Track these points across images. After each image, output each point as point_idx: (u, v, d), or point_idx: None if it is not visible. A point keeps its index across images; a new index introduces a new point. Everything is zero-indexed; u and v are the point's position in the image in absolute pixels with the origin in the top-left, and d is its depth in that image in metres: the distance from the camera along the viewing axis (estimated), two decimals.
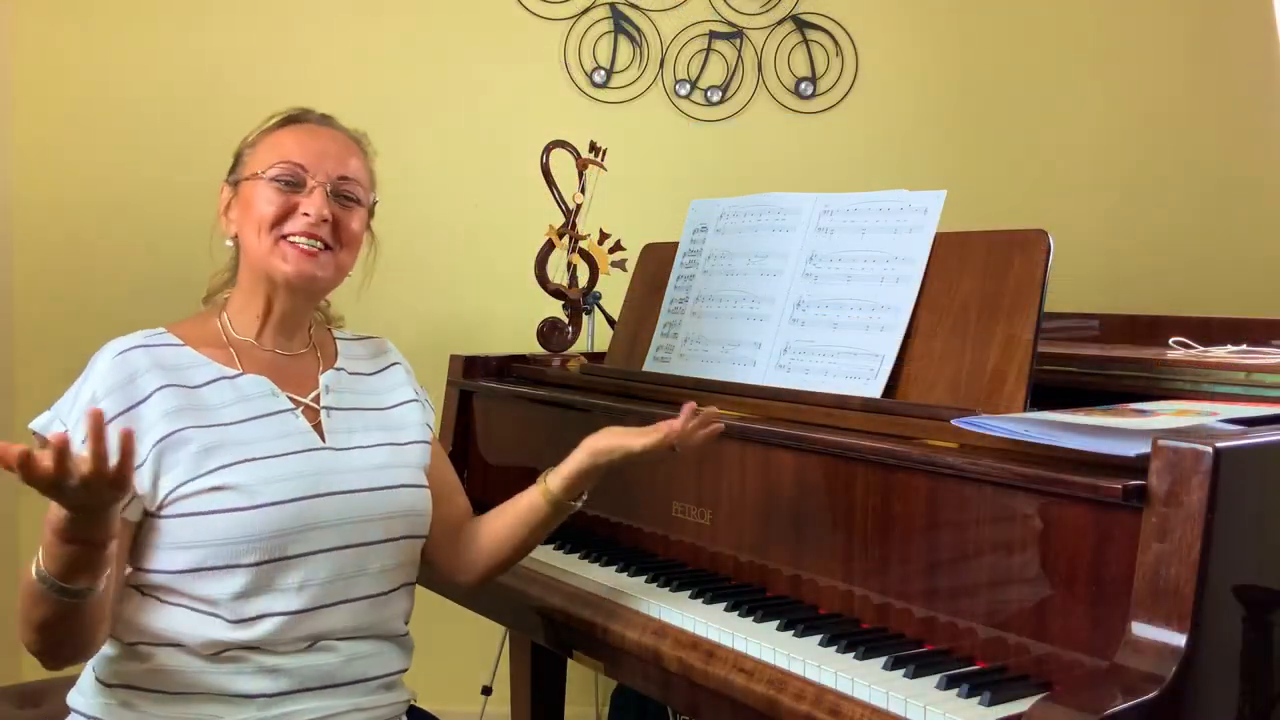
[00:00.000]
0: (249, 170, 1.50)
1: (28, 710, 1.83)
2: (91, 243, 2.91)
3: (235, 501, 1.37)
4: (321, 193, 1.47)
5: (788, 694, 1.31)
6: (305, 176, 1.48)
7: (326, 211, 1.47)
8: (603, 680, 2.90)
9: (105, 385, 1.39)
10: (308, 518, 1.41)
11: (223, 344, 1.50)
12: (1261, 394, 1.50)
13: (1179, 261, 3.18)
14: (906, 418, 1.47)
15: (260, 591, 1.38)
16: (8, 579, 2.84)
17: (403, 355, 1.69)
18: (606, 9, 3.05)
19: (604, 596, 1.64)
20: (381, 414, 1.58)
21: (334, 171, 1.50)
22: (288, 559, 1.39)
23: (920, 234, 1.64)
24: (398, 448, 1.55)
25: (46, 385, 2.84)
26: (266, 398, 1.47)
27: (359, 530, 1.46)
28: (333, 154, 1.51)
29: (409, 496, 1.53)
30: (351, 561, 1.45)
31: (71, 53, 2.89)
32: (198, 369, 1.46)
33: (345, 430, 1.52)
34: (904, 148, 3.15)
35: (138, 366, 1.42)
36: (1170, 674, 1.07)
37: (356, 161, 1.54)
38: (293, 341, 1.55)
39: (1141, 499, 1.13)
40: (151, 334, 1.48)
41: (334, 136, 1.54)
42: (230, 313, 1.54)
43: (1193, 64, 3.20)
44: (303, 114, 1.55)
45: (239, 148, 1.55)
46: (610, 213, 2.40)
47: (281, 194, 1.47)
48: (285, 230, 1.46)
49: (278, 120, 1.54)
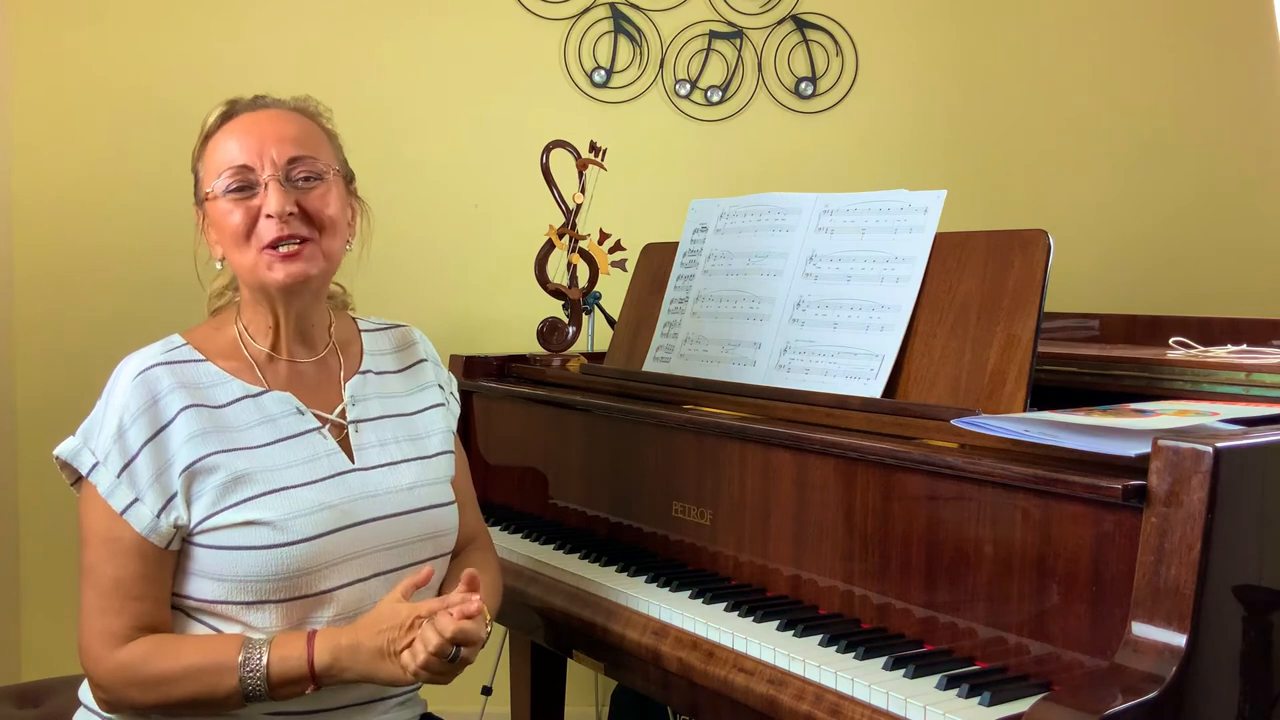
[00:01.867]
0: (205, 189, 1.43)
1: (28, 710, 1.83)
2: (91, 242, 2.91)
3: (264, 538, 1.34)
4: (275, 186, 1.38)
5: (788, 694, 1.32)
6: (253, 175, 1.39)
7: (289, 204, 1.38)
8: (603, 680, 2.90)
9: (131, 410, 1.35)
10: (337, 551, 1.38)
11: (242, 356, 1.45)
12: (1261, 394, 1.50)
13: (1179, 261, 3.18)
14: (906, 418, 1.47)
15: (293, 627, 1.36)
16: (8, 579, 2.84)
17: (427, 339, 1.64)
18: (606, 9, 3.05)
19: (604, 596, 1.64)
20: (408, 420, 1.54)
21: (280, 156, 1.40)
22: (319, 594, 1.37)
23: (920, 234, 1.64)
24: (425, 462, 1.51)
25: (47, 385, 2.86)
26: (292, 417, 1.43)
27: (389, 557, 1.43)
28: (274, 138, 1.40)
29: (437, 517, 1.49)
30: (382, 588, 1.42)
31: (72, 52, 2.89)
32: (220, 387, 1.41)
33: (373, 445, 1.48)
34: (904, 148, 3.15)
35: (160, 387, 1.37)
36: (1170, 674, 1.07)
37: (304, 134, 1.44)
38: (313, 347, 1.50)
39: (1141, 499, 1.13)
40: (170, 347, 1.43)
41: (270, 118, 1.44)
42: (244, 321, 1.48)
43: (1193, 64, 3.20)
44: (231, 107, 1.46)
45: (191, 164, 1.47)
46: (610, 213, 2.40)
47: (239, 203, 1.39)
48: (261, 241, 1.39)
49: (213, 121, 1.45)
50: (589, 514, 1.92)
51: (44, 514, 2.84)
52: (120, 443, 1.35)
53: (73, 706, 1.48)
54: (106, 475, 1.34)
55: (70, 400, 2.24)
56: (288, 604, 1.36)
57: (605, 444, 1.90)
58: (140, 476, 1.34)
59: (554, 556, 1.81)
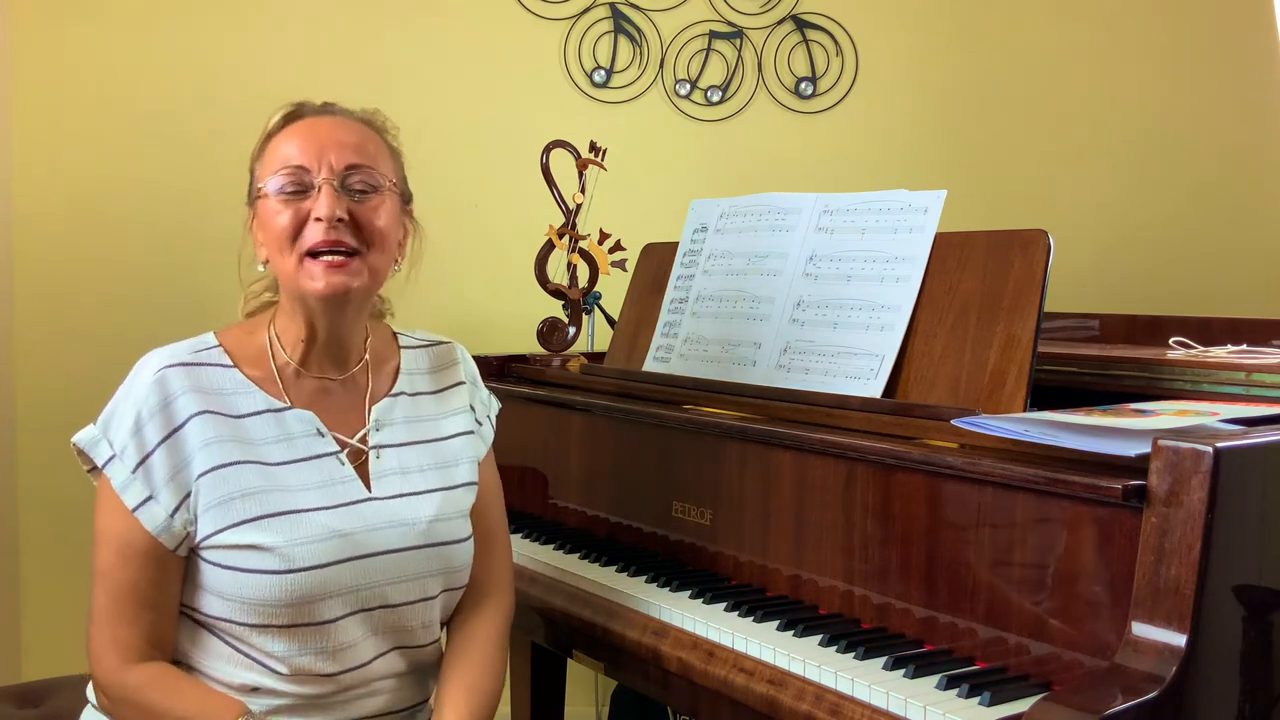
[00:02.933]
0: (258, 186, 1.40)
1: (27, 710, 1.82)
2: (92, 244, 2.91)
3: (267, 563, 1.31)
4: (329, 190, 1.35)
5: (788, 694, 1.32)
6: (309, 177, 1.36)
7: (340, 209, 1.34)
8: (603, 680, 2.90)
9: (148, 407, 1.34)
10: (342, 581, 1.35)
11: (269, 367, 1.41)
12: (1261, 394, 1.50)
13: (1179, 261, 3.18)
14: (906, 418, 1.47)
15: (298, 653, 1.35)
16: (8, 579, 2.84)
17: (470, 359, 1.60)
18: (606, 9, 3.05)
19: (604, 596, 1.64)
20: (436, 447, 1.48)
21: (339, 162, 1.36)
22: (324, 624, 1.35)
23: (920, 234, 1.64)
24: (448, 494, 1.46)
25: (47, 386, 2.86)
26: (311, 438, 1.39)
27: (398, 590, 1.40)
28: (334, 144, 1.37)
29: (452, 553, 1.45)
30: (389, 620, 1.40)
31: (73, 54, 2.89)
32: (243, 396, 1.38)
33: (394, 472, 1.43)
34: (904, 148, 3.15)
35: (174, 389, 1.35)
36: (1170, 674, 1.07)
37: (366, 144, 1.41)
38: (344, 365, 1.45)
39: (1141, 499, 1.13)
40: (199, 348, 1.40)
41: (336, 124, 1.41)
42: (278, 329, 1.43)
43: (1192, 64, 3.20)
44: (299, 108, 1.43)
45: (250, 163, 1.44)
46: (610, 213, 2.40)
47: (289, 204, 1.35)
48: (306, 245, 1.35)
49: (276, 121, 1.42)
50: (589, 514, 1.92)
51: (44, 514, 2.83)
52: (137, 438, 1.34)
53: (73, 706, 1.48)
54: (122, 470, 1.33)
55: (70, 401, 2.26)
56: (291, 630, 1.34)
57: (605, 444, 1.90)
58: (156, 474, 1.33)
59: (554, 556, 1.81)
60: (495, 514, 1.56)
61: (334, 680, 1.37)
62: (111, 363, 1.50)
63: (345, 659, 1.37)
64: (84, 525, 2.13)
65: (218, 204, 2.95)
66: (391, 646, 1.42)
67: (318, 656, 1.35)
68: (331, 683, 1.37)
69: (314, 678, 1.36)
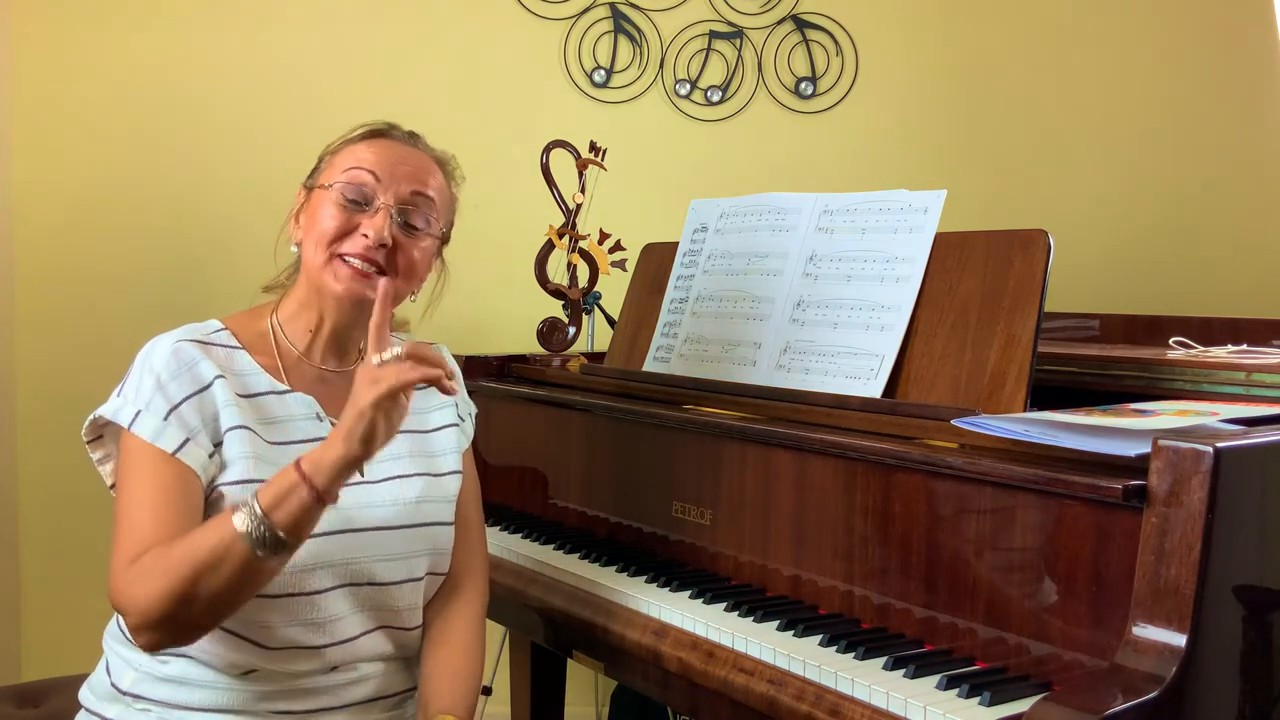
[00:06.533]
0: (323, 178, 1.47)
1: (27, 710, 1.83)
2: (93, 243, 2.91)
3: None
4: (385, 215, 1.42)
5: (788, 694, 1.31)
6: (373, 192, 1.43)
7: (386, 235, 1.42)
8: (603, 680, 2.90)
9: (169, 370, 1.36)
10: (330, 554, 1.38)
11: (271, 352, 1.47)
12: (1261, 394, 1.50)
13: (1179, 261, 3.18)
14: (906, 418, 1.47)
15: (286, 623, 1.36)
16: (8, 579, 2.84)
17: (453, 360, 1.63)
18: (606, 9, 3.05)
19: (604, 596, 1.64)
20: (423, 438, 1.54)
21: (406, 188, 1.45)
22: (311, 594, 1.38)
23: (920, 234, 1.64)
24: (434, 479, 1.52)
25: (47, 386, 2.86)
26: (310, 421, 1.44)
27: (386, 568, 1.44)
28: (407, 174, 1.46)
29: (439, 534, 1.50)
30: (377, 597, 1.43)
31: (74, 56, 2.89)
32: (251, 377, 1.43)
33: (385, 458, 1.45)
34: (904, 148, 3.15)
35: (193, 355, 1.39)
36: (1170, 674, 1.07)
37: (433, 181, 1.50)
38: (343, 359, 1.52)
39: (1141, 499, 1.13)
40: (209, 331, 1.45)
41: (414, 155, 1.50)
42: (282, 316, 1.50)
43: (1193, 63, 3.20)
44: (389, 129, 1.52)
45: (321, 152, 1.51)
46: (610, 213, 2.40)
47: (345, 211, 1.43)
48: (342, 249, 1.42)
49: (363, 132, 1.50)
50: (589, 514, 1.92)
51: (44, 514, 2.84)
52: (163, 392, 1.35)
53: (73, 707, 1.48)
54: (152, 419, 1.33)
55: (70, 401, 2.25)
56: (279, 600, 1.36)
57: (605, 444, 1.90)
58: (189, 419, 1.34)
59: (554, 556, 1.81)
60: (473, 505, 1.61)
61: (320, 655, 1.39)
62: (112, 364, 1.50)
63: (333, 631, 1.40)
64: (84, 525, 2.14)
65: (218, 205, 2.98)
66: (377, 625, 1.45)
67: (306, 628, 1.38)
68: (318, 658, 1.39)
69: (301, 651, 1.38)
